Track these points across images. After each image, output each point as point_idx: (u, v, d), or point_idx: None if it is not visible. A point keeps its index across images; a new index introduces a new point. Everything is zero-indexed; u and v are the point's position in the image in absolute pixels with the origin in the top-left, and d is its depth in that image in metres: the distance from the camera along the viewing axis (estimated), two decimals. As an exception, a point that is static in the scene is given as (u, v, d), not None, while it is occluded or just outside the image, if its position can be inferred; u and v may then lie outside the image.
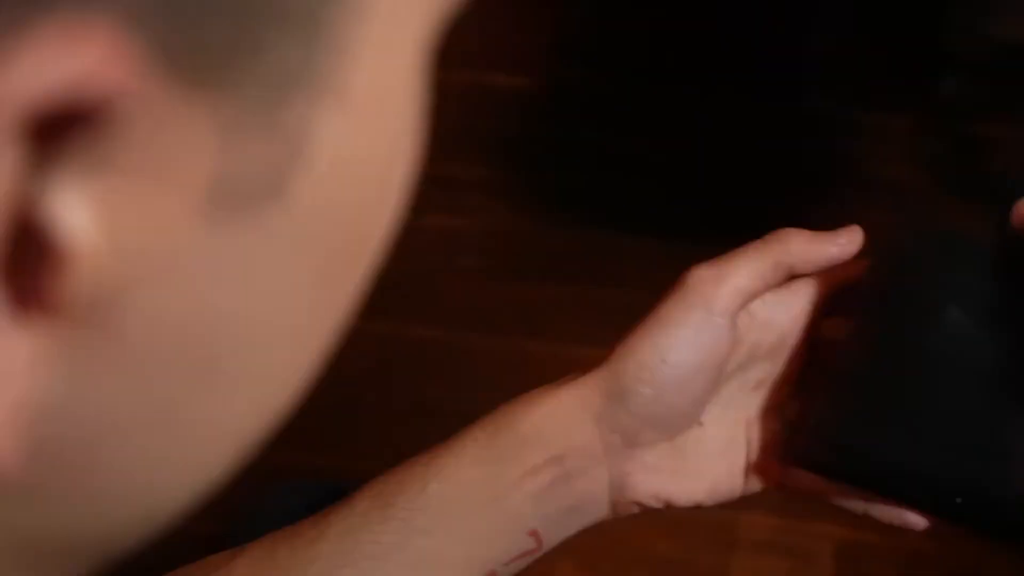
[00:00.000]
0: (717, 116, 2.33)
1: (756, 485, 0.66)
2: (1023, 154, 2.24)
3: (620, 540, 1.68)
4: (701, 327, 0.60)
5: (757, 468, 0.65)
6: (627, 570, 1.70)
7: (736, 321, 0.61)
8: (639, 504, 0.62)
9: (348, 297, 0.28)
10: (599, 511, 0.61)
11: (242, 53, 0.21)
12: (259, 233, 0.23)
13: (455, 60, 2.45)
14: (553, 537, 0.60)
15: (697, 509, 0.64)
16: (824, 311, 0.65)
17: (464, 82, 2.43)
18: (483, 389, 1.87)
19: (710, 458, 0.63)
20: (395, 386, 1.91)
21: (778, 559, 1.67)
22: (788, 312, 0.65)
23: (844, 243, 0.63)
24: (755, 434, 0.65)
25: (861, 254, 0.65)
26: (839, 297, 0.65)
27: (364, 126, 0.25)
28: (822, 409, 0.62)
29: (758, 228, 1.91)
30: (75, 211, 0.20)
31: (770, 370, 0.65)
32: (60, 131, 0.19)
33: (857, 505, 0.63)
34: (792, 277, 0.64)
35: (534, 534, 0.59)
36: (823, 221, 0.66)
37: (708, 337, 0.60)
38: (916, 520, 0.62)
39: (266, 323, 0.25)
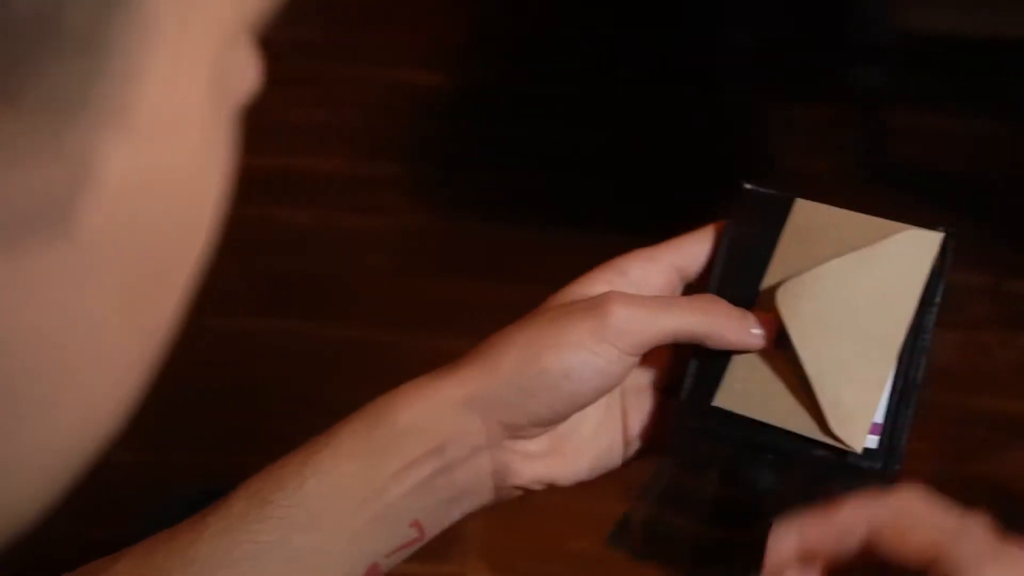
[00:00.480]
0: (633, 110, 2.33)
1: (634, 451, 0.65)
2: (932, 141, 2.26)
3: (534, 538, 1.67)
4: (613, 361, 0.59)
5: (644, 434, 0.65)
6: (542, 568, 1.68)
7: None
8: (522, 488, 0.62)
9: (165, 318, 0.28)
10: (482, 499, 0.61)
11: (20, 77, 0.21)
12: (49, 258, 0.23)
13: (368, 58, 2.46)
14: (436, 526, 0.60)
15: (612, 505, 0.62)
16: None
17: (378, 80, 2.41)
18: (395, 388, 1.86)
19: (589, 436, 0.63)
20: (306, 386, 1.88)
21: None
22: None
23: (757, 334, 0.62)
24: (634, 401, 0.65)
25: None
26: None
27: (155, 148, 0.25)
28: (692, 372, 0.63)
29: (670, 222, 1.91)
30: None
31: None
32: None
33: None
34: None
35: (416, 524, 0.59)
36: None
37: (617, 369, 0.60)
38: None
39: (71, 348, 0.25)
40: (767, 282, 0.64)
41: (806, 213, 0.66)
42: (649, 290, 0.63)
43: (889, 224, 0.65)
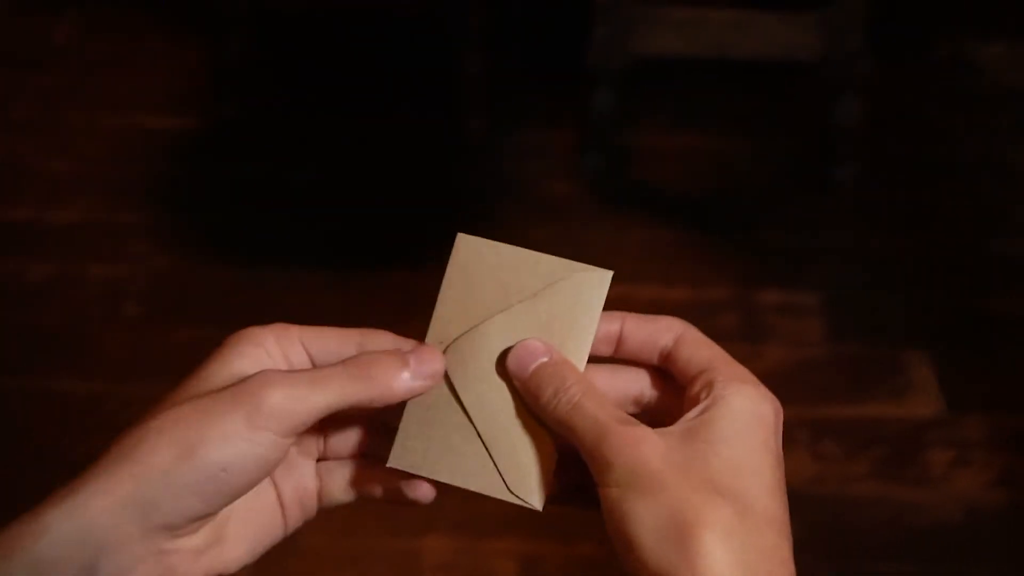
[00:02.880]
0: (380, 142, 2.33)
1: (298, 520, 0.62)
2: (670, 160, 2.33)
3: (299, 579, 1.64)
4: (271, 447, 0.55)
5: (357, 480, 0.63)
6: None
7: None
8: None
9: None
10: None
11: None
12: None
13: (105, 105, 2.39)
14: None
15: (372, 541, 0.61)
16: None
17: (116, 127, 2.35)
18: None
19: (246, 517, 0.60)
20: (50, 445, 1.81)
21: (462, 581, 1.67)
22: None
23: (425, 374, 0.60)
24: (282, 470, 0.61)
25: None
26: None
27: None
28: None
29: (424, 253, 1.93)
30: None
31: None
32: None
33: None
34: None
35: None
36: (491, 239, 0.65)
37: (276, 455, 0.56)
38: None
39: None
40: (434, 330, 0.62)
41: (470, 250, 0.63)
42: (277, 361, 0.60)
43: (555, 262, 0.62)
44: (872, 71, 2.24)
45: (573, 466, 0.60)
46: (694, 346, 0.59)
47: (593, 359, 0.61)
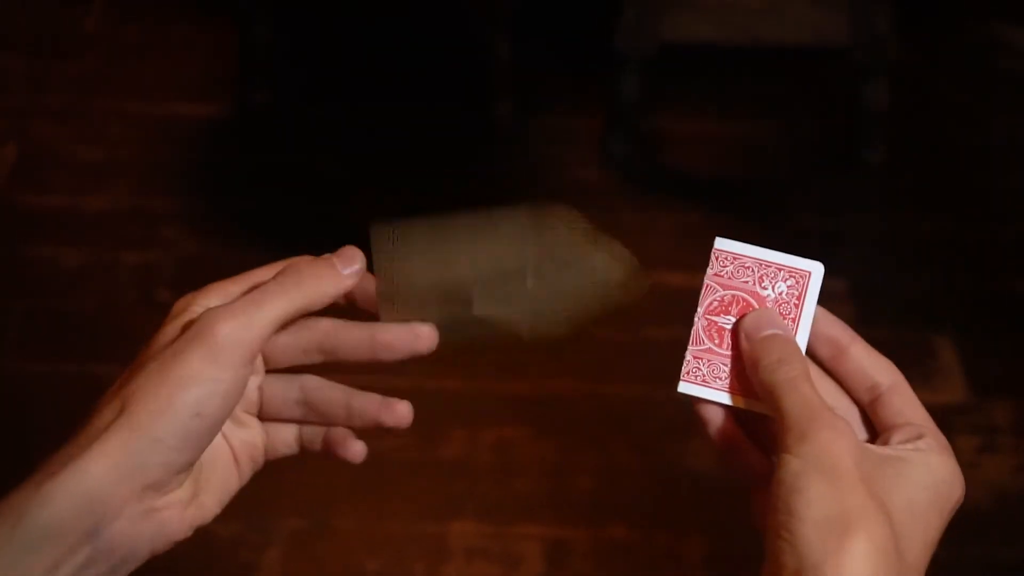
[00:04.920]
0: (407, 131, 2.34)
1: (249, 472, 0.66)
2: (695, 146, 2.33)
3: (330, 561, 1.66)
4: (234, 380, 0.58)
5: (300, 435, 0.67)
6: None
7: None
8: (177, 542, 0.61)
9: None
10: (140, 561, 0.59)
11: None
12: None
13: (136, 92, 2.41)
14: None
15: (406, 524, 0.63)
16: None
17: (148, 115, 2.37)
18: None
19: (211, 469, 0.63)
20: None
21: (489, 564, 1.68)
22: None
23: (351, 272, 0.64)
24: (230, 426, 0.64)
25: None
26: None
27: None
28: None
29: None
30: None
31: None
32: None
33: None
34: None
35: None
36: None
37: (239, 386, 0.59)
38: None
39: None
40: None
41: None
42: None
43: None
44: (901, 54, 2.23)
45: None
46: (910, 400, 0.61)
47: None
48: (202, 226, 2.16)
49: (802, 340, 0.63)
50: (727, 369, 0.63)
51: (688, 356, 0.64)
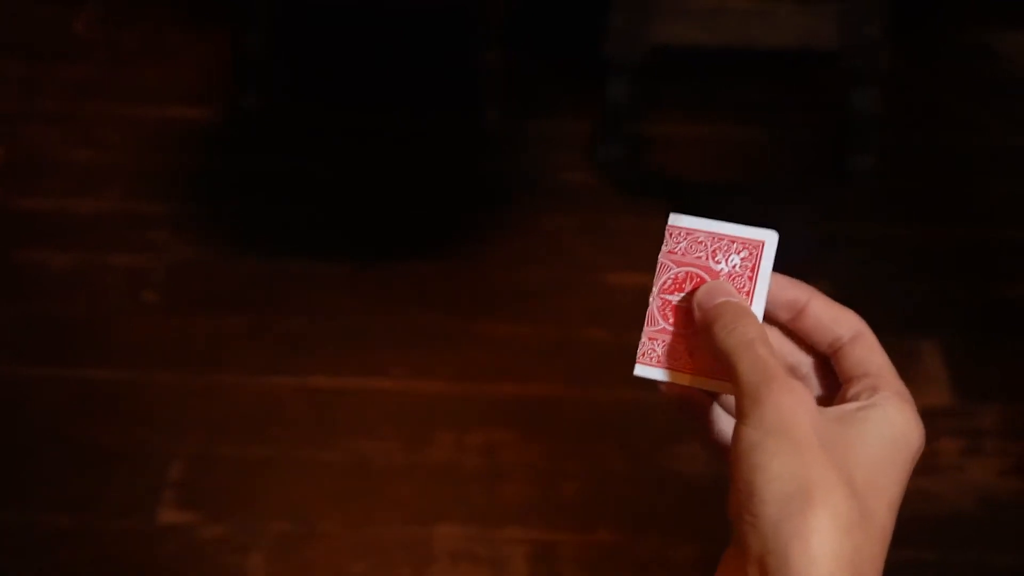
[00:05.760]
0: (398, 136, 2.34)
1: None
2: (685, 149, 2.34)
3: (315, 565, 1.66)
4: None
5: None
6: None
7: None
8: None
9: None
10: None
11: None
12: None
13: (127, 96, 2.41)
14: None
15: (392, 528, 0.62)
16: None
17: (139, 118, 2.37)
18: (169, 427, 1.83)
19: None
20: (75, 432, 1.83)
21: (475, 568, 1.68)
22: None
23: None
24: None
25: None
26: None
27: None
28: None
29: (445, 243, 1.94)
30: None
31: None
32: None
33: None
34: None
35: None
36: (508, 231, 0.66)
37: None
38: None
39: None
40: None
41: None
42: None
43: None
44: (891, 60, 2.23)
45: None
46: (869, 349, 0.60)
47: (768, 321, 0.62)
48: (193, 230, 2.16)
49: (758, 309, 0.61)
50: (683, 348, 0.62)
51: (643, 337, 0.63)
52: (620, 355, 1.95)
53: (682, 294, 0.63)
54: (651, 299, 0.63)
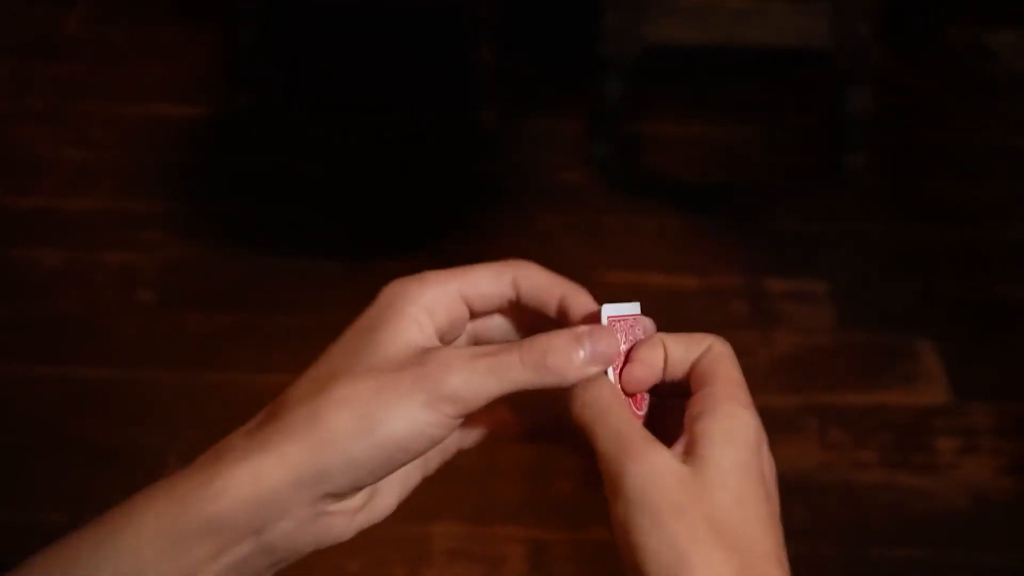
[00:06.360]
0: (392, 134, 2.34)
1: (437, 464, 0.65)
2: (679, 148, 2.34)
3: (310, 562, 1.65)
4: (445, 427, 0.57)
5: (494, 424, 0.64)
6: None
7: None
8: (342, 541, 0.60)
9: None
10: (300, 556, 0.58)
11: None
12: None
13: (119, 94, 2.41)
14: None
15: (388, 525, 0.62)
16: None
17: (131, 116, 2.37)
18: (163, 425, 1.83)
19: (398, 472, 0.61)
20: (70, 430, 1.83)
21: (471, 566, 1.68)
22: None
23: (596, 362, 0.60)
24: None
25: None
26: None
27: None
28: None
29: (440, 242, 1.93)
30: None
31: None
32: None
33: None
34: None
35: None
36: (502, 229, 0.66)
37: (448, 433, 0.58)
38: None
39: None
40: None
41: None
42: (440, 319, 0.60)
43: None
44: (883, 58, 2.24)
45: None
46: (714, 359, 0.60)
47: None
48: (185, 228, 2.16)
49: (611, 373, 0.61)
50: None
51: None
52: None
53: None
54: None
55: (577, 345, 0.58)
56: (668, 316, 0.65)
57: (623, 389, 0.60)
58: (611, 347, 0.59)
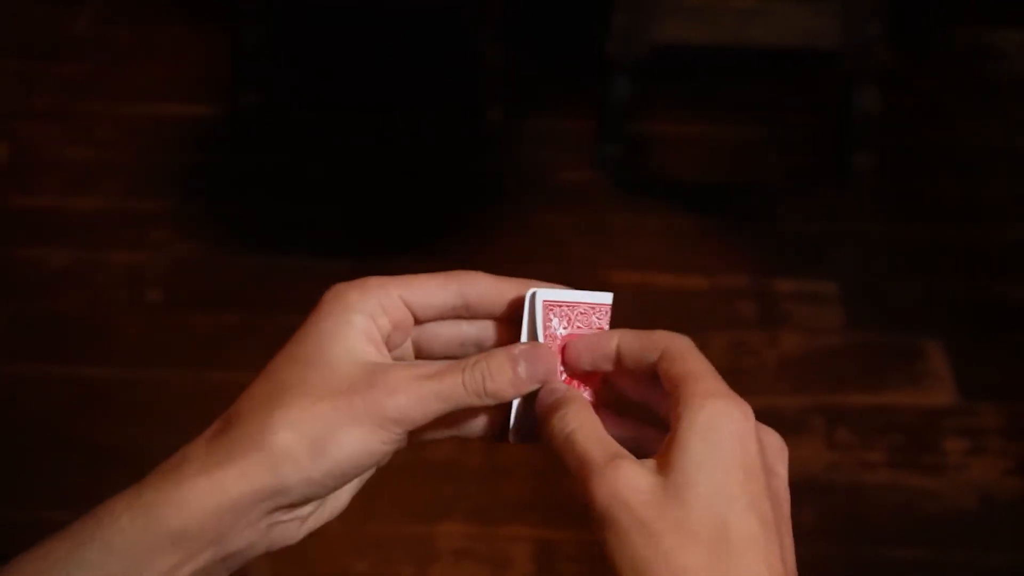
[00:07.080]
0: (398, 134, 2.34)
1: (385, 460, 0.64)
2: (687, 148, 2.34)
3: (318, 562, 1.65)
4: (393, 443, 0.60)
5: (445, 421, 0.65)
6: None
7: None
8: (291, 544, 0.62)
9: None
10: (251, 558, 0.60)
11: None
12: None
13: (126, 93, 2.41)
14: None
15: (395, 525, 0.63)
16: None
17: (138, 116, 2.37)
18: (165, 425, 1.83)
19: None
20: (73, 430, 1.83)
21: (477, 566, 1.68)
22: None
23: (533, 379, 0.62)
24: None
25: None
26: None
27: None
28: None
29: (444, 242, 1.93)
30: None
31: None
32: None
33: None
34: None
35: None
36: (505, 229, 0.66)
37: (393, 448, 0.60)
38: None
39: None
40: None
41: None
42: (384, 325, 0.62)
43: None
44: (891, 58, 2.23)
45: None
46: (670, 361, 0.60)
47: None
48: (192, 227, 2.16)
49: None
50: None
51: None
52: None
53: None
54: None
55: (512, 367, 0.61)
56: (675, 316, 0.65)
57: (564, 370, 0.62)
58: (548, 363, 0.62)
